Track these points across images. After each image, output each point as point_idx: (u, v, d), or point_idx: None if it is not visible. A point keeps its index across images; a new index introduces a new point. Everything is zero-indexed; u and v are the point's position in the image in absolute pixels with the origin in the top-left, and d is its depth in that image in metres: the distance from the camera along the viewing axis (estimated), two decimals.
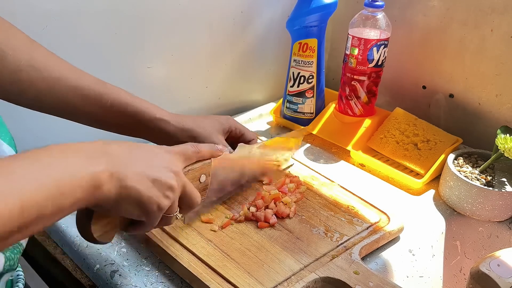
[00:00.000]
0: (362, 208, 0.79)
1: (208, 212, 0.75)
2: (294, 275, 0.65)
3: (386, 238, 0.75)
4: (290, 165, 0.89)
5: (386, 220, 0.77)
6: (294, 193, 0.80)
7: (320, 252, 0.69)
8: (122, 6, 0.87)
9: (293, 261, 0.67)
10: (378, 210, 0.79)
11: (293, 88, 1.04)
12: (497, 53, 0.94)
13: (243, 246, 0.69)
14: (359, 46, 0.94)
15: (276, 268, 0.66)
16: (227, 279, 0.63)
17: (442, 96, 1.05)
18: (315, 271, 0.65)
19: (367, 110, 1.01)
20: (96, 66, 0.88)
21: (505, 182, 0.85)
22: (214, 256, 0.67)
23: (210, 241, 0.70)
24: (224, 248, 0.68)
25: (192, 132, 0.74)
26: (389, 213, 0.78)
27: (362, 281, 0.64)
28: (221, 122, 0.78)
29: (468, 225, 0.85)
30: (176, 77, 1.02)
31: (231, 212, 0.76)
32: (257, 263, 0.66)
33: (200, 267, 0.65)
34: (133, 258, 0.69)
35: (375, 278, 0.65)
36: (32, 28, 0.78)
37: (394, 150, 0.95)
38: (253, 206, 0.75)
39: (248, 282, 0.63)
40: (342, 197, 0.82)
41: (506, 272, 0.64)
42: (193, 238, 0.70)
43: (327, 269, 0.66)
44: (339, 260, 0.67)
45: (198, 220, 0.73)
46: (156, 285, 0.65)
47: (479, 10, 0.95)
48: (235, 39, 1.08)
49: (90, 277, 0.70)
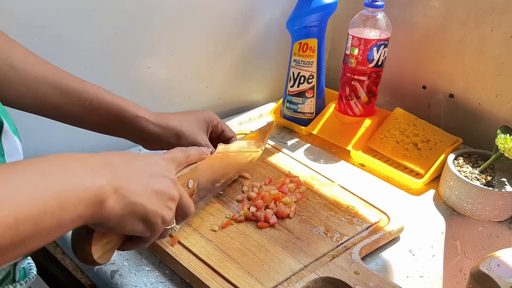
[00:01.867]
0: (362, 208, 0.79)
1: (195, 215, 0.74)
2: (294, 275, 0.65)
3: (386, 238, 0.75)
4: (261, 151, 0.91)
5: (386, 220, 0.77)
6: (294, 193, 0.80)
7: (320, 252, 0.69)
8: (122, 6, 0.87)
9: (293, 261, 0.67)
10: (378, 210, 0.79)
11: (293, 88, 1.04)
12: (497, 53, 0.94)
13: (243, 246, 0.69)
14: (359, 46, 0.94)
15: (276, 268, 0.66)
16: (227, 279, 0.63)
17: (442, 96, 1.05)
18: (315, 271, 0.65)
19: (367, 110, 1.01)
20: (96, 66, 0.88)
21: (505, 182, 0.85)
22: (214, 256, 0.67)
23: (210, 241, 0.70)
24: (224, 248, 0.69)
25: (176, 131, 0.71)
26: (389, 213, 0.78)
27: (362, 281, 0.64)
28: (205, 119, 0.75)
29: (468, 225, 0.85)
30: (176, 77, 1.02)
31: (230, 211, 0.76)
32: (257, 263, 0.66)
33: (200, 267, 0.65)
34: (133, 258, 0.69)
35: (375, 278, 0.65)
36: (32, 28, 0.79)
37: (394, 150, 0.95)
38: (253, 206, 0.76)
39: (248, 282, 0.63)
40: (342, 197, 0.82)
41: (506, 272, 0.64)
42: (193, 238, 0.70)
43: (327, 269, 0.66)
44: (339, 260, 0.68)
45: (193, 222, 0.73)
46: (156, 285, 0.65)
47: (479, 10, 0.95)
48: (235, 39, 1.08)
49: (90, 277, 0.70)
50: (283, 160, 0.92)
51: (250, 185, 0.83)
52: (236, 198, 0.80)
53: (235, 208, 0.77)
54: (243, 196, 0.80)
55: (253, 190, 0.81)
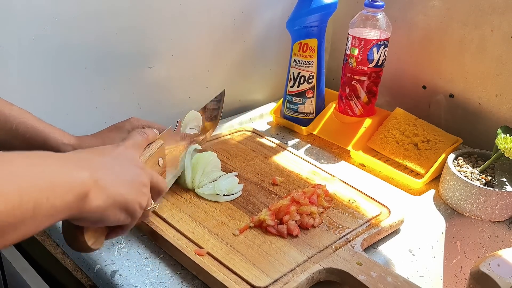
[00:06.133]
0: (363, 202, 0.81)
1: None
2: (298, 266, 0.66)
3: (387, 230, 0.76)
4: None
5: (387, 213, 0.78)
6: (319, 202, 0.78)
7: (323, 244, 0.71)
8: (122, 6, 0.87)
9: (297, 253, 0.69)
10: (378, 203, 0.81)
11: (293, 88, 1.04)
12: (497, 53, 0.94)
13: (248, 239, 0.71)
14: (359, 46, 0.94)
15: (281, 260, 0.67)
16: (234, 271, 0.65)
17: (442, 96, 1.05)
18: (319, 262, 0.67)
19: (367, 110, 1.01)
20: (97, 66, 0.88)
21: (505, 182, 0.85)
22: (219, 249, 0.68)
23: (216, 234, 0.71)
24: (229, 241, 0.70)
25: None
26: (389, 206, 0.80)
27: (365, 271, 0.66)
28: (127, 129, 0.75)
29: (468, 225, 0.85)
30: (176, 77, 1.02)
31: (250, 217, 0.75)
32: (262, 255, 0.68)
33: (206, 259, 0.66)
34: (134, 258, 0.69)
35: (377, 268, 0.66)
36: (32, 29, 0.79)
37: (394, 150, 0.95)
38: (272, 219, 0.73)
39: (254, 273, 0.64)
40: (343, 191, 0.83)
41: (506, 272, 0.64)
42: (199, 232, 0.71)
43: (331, 260, 0.67)
44: (342, 252, 0.69)
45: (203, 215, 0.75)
46: (156, 285, 0.65)
47: (479, 10, 0.95)
48: (236, 39, 1.08)
49: (91, 277, 0.70)
50: (284, 156, 0.93)
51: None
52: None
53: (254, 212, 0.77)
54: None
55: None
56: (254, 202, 0.79)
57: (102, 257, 0.69)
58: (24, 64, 0.80)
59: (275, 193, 0.82)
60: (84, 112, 0.90)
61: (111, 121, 0.91)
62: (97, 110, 0.92)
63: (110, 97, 0.92)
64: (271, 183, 0.84)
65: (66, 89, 0.86)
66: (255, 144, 0.97)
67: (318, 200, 0.77)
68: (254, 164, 0.89)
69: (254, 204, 0.79)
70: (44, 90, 0.84)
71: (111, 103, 0.93)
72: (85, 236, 0.53)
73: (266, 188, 0.83)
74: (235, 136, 0.99)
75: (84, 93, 0.89)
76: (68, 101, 0.88)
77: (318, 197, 0.77)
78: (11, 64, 0.79)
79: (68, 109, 0.88)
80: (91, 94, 0.90)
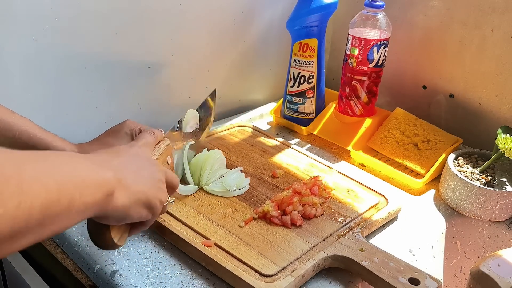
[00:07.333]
0: (361, 191, 0.83)
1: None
2: (304, 254, 0.69)
3: (386, 218, 0.79)
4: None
5: (385, 202, 0.81)
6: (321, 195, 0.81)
7: (326, 233, 0.73)
8: (122, 6, 0.87)
9: (302, 242, 0.71)
10: (376, 192, 0.83)
11: (293, 88, 1.04)
12: (497, 53, 0.94)
13: (253, 230, 0.72)
14: (359, 46, 0.94)
15: (287, 249, 0.69)
16: (242, 260, 0.66)
17: (442, 96, 1.05)
18: (324, 250, 0.69)
19: (367, 110, 1.01)
20: (97, 66, 0.88)
21: (505, 182, 0.85)
22: (227, 240, 0.70)
23: (222, 226, 0.73)
24: (236, 232, 0.72)
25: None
26: (386, 195, 0.82)
27: (368, 257, 0.68)
28: (125, 131, 0.75)
29: (468, 225, 0.85)
30: (176, 77, 1.02)
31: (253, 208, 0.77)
32: (268, 245, 0.70)
33: (214, 250, 0.68)
34: (134, 258, 0.69)
35: (380, 254, 0.68)
36: (33, 28, 0.79)
37: (394, 150, 0.95)
38: (276, 210, 0.75)
39: (262, 262, 0.66)
40: (342, 182, 0.85)
41: (506, 272, 0.64)
42: (205, 225, 0.73)
43: (335, 247, 0.70)
44: (345, 240, 0.71)
45: (207, 208, 0.77)
46: (156, 285, 0.65)
47: (480, 10, 0.95)
48: (236, 39, 1.08)
49: (91, 277, 0.70)
50: (282, 150, 0.95)
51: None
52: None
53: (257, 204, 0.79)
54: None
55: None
56: (256, 195, 0.81)
57: (102, 257, 0.69)
58: (24, 64, 0.80)
59: (276, 185, 0.84)
60: (84, 112, 0.90)
61: (111, 121, 0.92)
62: (97, 110, 0.92)
63: (110, 97, 0.92)
64: (271, 176, 0.86)
65: (66, 89, 0.86)
66: (252, 139, 0.99)
67: (319, 191, 0.80)
68: (253, 158, 0.91)
69: (257, 196, 0.81)
70: (44, 90, 0.84)
71: (111, 103, 0.93)
72: (112, 233, 0.55)
73: (267, 181, 0.85)
74: (232, 132, 1.01)
75: (84, 93, 0.89)
76: (68, 101, 0.87)
77: (319, 188, 0.80)
78: (11, 64, 0.79)
79: (68, 109, 0.88)
80: (91, 94, 0.90)
